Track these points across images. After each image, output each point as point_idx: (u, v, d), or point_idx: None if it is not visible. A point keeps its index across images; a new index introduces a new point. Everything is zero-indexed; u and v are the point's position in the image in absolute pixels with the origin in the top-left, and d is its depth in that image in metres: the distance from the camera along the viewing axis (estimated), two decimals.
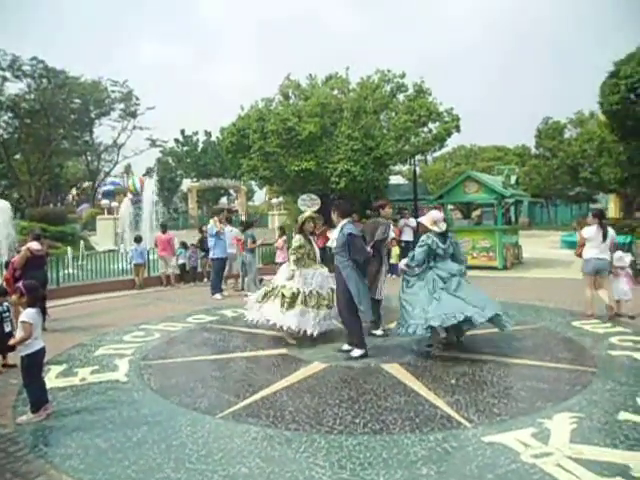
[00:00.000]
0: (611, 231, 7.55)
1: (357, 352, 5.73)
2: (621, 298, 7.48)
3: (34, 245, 7.45)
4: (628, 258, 7.74)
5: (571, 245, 18.48)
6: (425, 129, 14.88)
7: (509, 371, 5.18)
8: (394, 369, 5.29)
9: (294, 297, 6.29)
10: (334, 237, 5.95)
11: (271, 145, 14.34)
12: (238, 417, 4.14)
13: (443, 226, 6.01)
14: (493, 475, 3.11)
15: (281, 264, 11.51)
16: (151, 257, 13.14)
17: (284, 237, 11.78)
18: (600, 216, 7.64)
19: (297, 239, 6.51)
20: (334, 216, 6.00)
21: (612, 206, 29.94)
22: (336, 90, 15.78)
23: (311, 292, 6.34)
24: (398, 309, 5.97)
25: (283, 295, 6.31)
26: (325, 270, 6.63)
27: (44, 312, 4.25)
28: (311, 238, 6.71)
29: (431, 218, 6.07)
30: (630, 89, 12.21)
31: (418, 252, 5.89)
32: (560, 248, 19.57)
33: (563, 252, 17.78)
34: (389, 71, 15.02)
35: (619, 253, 7.70)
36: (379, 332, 6.74)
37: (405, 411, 4.17)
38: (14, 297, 4.34)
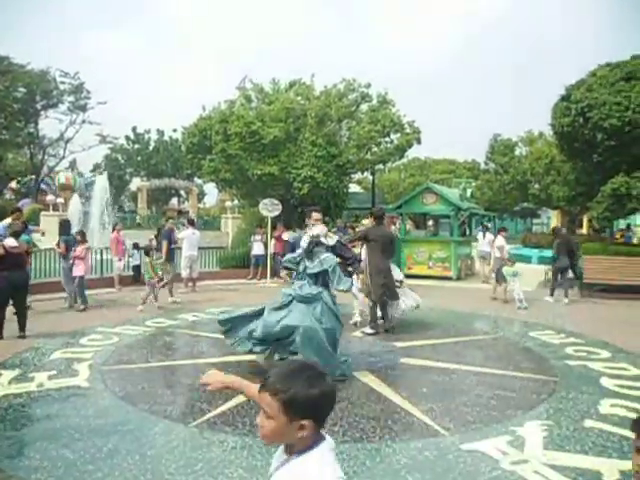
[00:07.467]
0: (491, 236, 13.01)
1: None
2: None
3: (9, 242, 6.93)
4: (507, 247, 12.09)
5: (520, 258, 19.27)
6: (387, 139, 15.13)
7: (477, 380, 5.30)
8: (365, 377, 5.31)
9: None
10: (305, 242, 5.88)
11: (233, 147, 14.13)
12: (213, 426, 4.01)
13: None
14: None
15: (82, 277, 9.28)
16: (104, 257, 12.58)
17: (86, 244, 9.64)
18: (486, 227, 14.27)
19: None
20: (319, 218, 5.89)
21: (554, 221, 31.56)
22: (300, 96, 15.78)
23: None
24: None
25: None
26: None
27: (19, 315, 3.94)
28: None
29: None
30: (580, 113, 12.98)
31: None
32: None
33: None
34: (354, 80, 15.21)
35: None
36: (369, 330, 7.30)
37: (382, 419, 4.18)
38: None
